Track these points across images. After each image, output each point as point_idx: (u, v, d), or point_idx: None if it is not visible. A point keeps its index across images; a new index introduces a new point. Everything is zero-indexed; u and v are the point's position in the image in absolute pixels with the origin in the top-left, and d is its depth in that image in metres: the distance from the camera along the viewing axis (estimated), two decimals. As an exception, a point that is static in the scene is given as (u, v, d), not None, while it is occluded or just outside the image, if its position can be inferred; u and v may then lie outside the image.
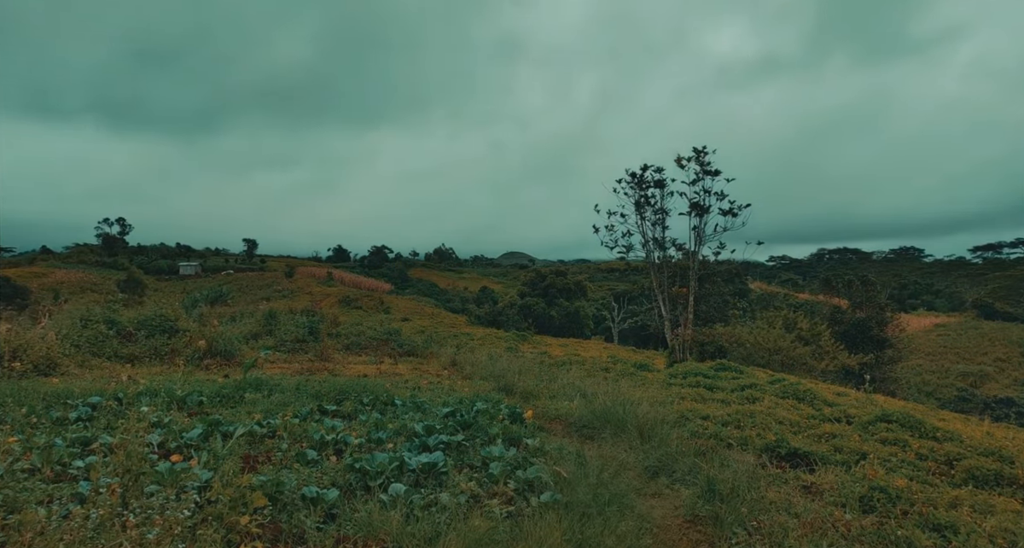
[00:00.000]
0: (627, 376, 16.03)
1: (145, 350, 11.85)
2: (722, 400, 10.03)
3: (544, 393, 9.88)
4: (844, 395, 12.29)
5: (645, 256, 24.14)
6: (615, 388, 9.95)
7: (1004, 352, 46.37)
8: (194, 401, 7.23)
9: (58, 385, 7.78)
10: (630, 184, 23.86)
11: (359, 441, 5.71)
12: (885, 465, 6.32)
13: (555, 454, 5.80)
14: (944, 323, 57.08)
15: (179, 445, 5.26)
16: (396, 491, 4.39)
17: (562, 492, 4.74)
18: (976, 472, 6.25)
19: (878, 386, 21.65)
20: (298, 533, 3.87)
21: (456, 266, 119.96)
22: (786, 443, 6.78)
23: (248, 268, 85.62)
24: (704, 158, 22.47)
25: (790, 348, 20.03)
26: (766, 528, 4.37)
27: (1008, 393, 36.11)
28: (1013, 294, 77.89)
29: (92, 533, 3.02)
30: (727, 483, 5.04)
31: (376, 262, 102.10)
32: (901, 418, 8.16)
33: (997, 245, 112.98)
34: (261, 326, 16.06)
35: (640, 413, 7.41)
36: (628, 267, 38.56)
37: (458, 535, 3.76)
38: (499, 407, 7.52)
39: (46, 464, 4.52)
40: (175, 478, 4.02)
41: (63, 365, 9.86)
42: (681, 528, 4.75)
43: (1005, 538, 4.49)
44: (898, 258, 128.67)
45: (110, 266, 76.95)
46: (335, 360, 13.31)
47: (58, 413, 6.19)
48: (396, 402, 7.81)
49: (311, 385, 8.60)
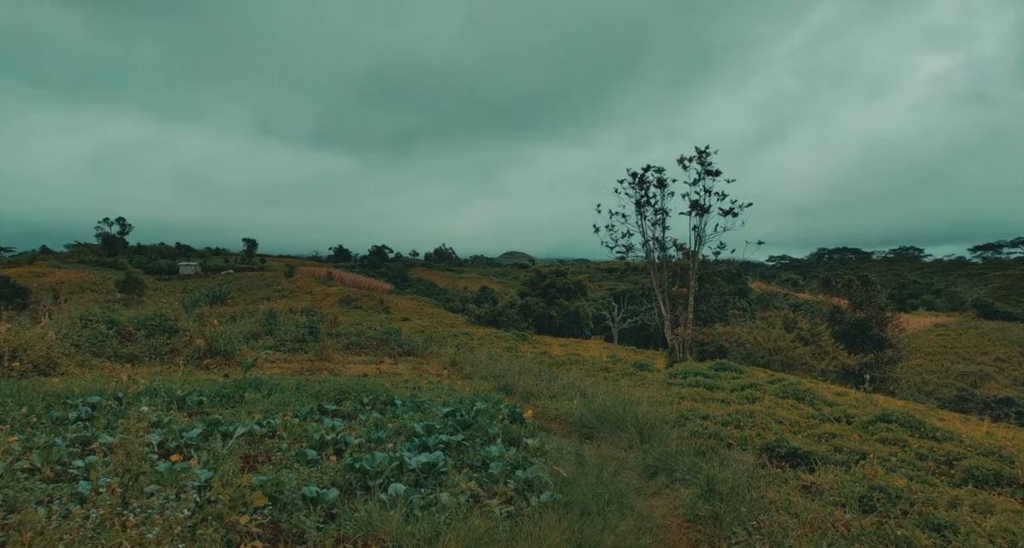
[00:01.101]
0: (627, 376, 16.04)
1: (145, 350, 11.85)
2: (722, 400, 10.02)
3: (544, 393, 9.88)
4: (844, 395, 12.29)
5: (645, 256, 24.15)
6: (615, 388, 9.96)
7: (1004, 352, 46.36)
8: (194, 401, 7.23)
9: (58, 385, 7.77)
10: (631, 184, 23.89)
11: (359, 441, 5.71)
12: (885, 465, 6.32)
13: (555, 454, 5.81)
14: (944, 323, 57.06)
15: (179, 445, 5.26)
16: (396, 491, 4.39)
17: (562, 492, 4.74)
18: (976, 472, 6.25)
19: (878, 386, 21.66)
20: (298, 533, 3.87)
21: (456, 266, 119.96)
22: (786, 443, 6.78)
23: (248, 268, 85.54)
24: (706, 159, 22.49)
25: (790, 348, 20.02)
26: (766, 528, 4.37)
27: (1008, 393, 36.10)
28: (1013, 294, 77.91)
29: (92, 533, 3.02)
30: (727, 483, 5.04)
31: (376, 262, 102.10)
32: (901, 418, 8.16)
33: (997, 245, 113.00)
34: (261, 326, 16.05)
35: (640, 413, 7.41)
36: (628, 267, 38.52)
37: (458, 535, 3.76)
38: (499, 407, 7.52)
39: (46, 464, 4.52)
40: (175, 478, 4.02)
41: (63, 365, 9.85)
42: (681, 527, 4.75)
43: (1005, 538, 4.49)
44: (898, 258, 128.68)
45: (110, 266, 76.94)
46: (335, 360, 13.30)
47: (58, 413, 6.19)
48: (396, 402, 7.81)
49: (311, 385, 8.60)
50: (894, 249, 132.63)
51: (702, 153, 22.49)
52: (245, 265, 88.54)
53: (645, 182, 23.65)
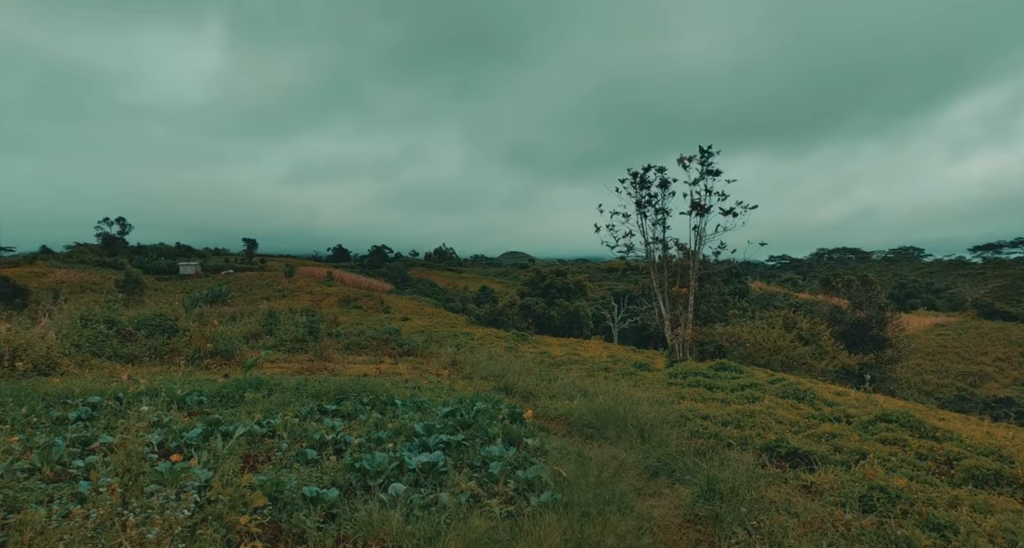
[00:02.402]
0: (627, 376, 16.04)
1: (145, 350, 11.85)
2: (722, 400, 10.02)
3: (544, 393, 9.87)
4: (844, 395, 12.28)
5: (646, 255, 24.14)
6: (615, 388, 9.96)
7: (1004, 352, 46.32)
8: (194, 401, 7.23)
9: (58, 385, 7.78)
10: (632, 184, 23.88)
11: (359, 441, 5.71)
12: (885, 465, 6.32)
13: (555, 454, 5.81)
14: (944, 323, 57.01)
15: (179, 445, 5.26)
16: (396, 491, 4.39)
17: (562, 492, 4.74)
18: (976, 472, 6.25)
19: (878, 386, 21.65)
20: (298, 533, 3.87)
21: (456, 266, 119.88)
22: (786, 443, 6.78)
23: (248, 268, 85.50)
24: (707, 158, 22.48)
25: (790, 348, 20.01)
26: (766, 528, 4.37)
27: (1008, 393, 36.08)
28: (1013, 294, 77.85)
29: (92, 533, 3.02)
30: (727, 483, 5.04)
31: (376, 262, 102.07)
32: (901, 418, 8.16)
33: (997, 245, 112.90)
34: (261, 326, 16.06)
35: (640, 413, 7.41)
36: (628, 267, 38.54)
37: (458, 535, 3.76)
38: (499, 407, 7.52)
39: (46, 464, 4.52)
40: (175, 478, 4.02)
41: (63, 365, 9.85)
42: (681, 528, 4.75)
43: (1005, 538, 4.48)
44: (898, 258, 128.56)
45: (110, 266, 76.90)
46: (335, 360, 13.30)
47: (58, 413, 6.19)
48: (396, 402, 7.81)
49: (311, 385, 8.60)
50: (894, 249, 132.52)
51: (704, 152, 22.49)
52: (245, 265, 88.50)
53: (646, 182, 23.66)
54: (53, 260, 77.83)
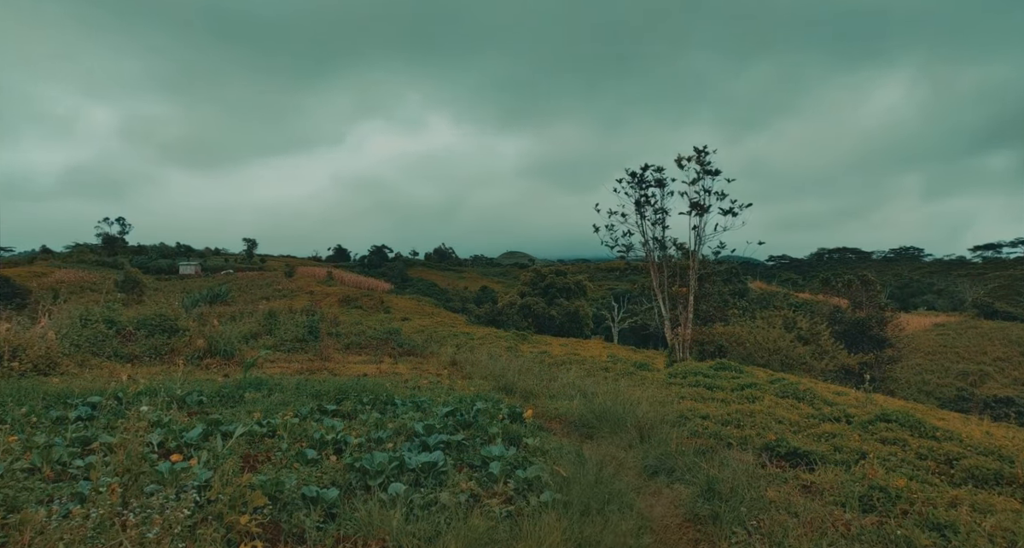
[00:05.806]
0: (627, 375, 16.05)
1: (145, 349, 11.85)
2: (722, 399, 10.02)
3: (544, 392, 9.88)
4: (844, 394, 12.29)
5: (645, 255, 24.15)
6: (615, 388, 9.95)
7: (1004, 352, 46.33)
8: (194, 401, 7.23)
9: (58, 385, 7.78)
10: (630, 184, 23.88)
11: (359, 440, 5.71)
12: (885, 464, 6.32)
13: (555, 453, 5.80)
14: (944, 322, 57.01)
15: (179, 445, 5.26)
16: (396, 490, 4.39)
17: (562, 491, 4.74)
18: (976, 471, 6.25)
19: (878, 385, 21.67)
20: (298, 532, 3.87)
21: (456, 266, 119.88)
22: (786, 442, 6.78)
23: (248, 268, 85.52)
24: (705, 158, 22.48)
25: (790, 348, 20.04)
26: (766, 527, 4.37)
27: (1008, 392, 36.08)
28: (1013, 293, 77.89)
29: (92, 533, 3.02)
30: (727, 482, 5.04)
31: (376, 262, 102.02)
32: (901, 417, 8.16)
33: (997, 245, 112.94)
34: (261, 325, 16.04)
35: (640, 412, 7.41)
36: (628, 267, 38.52)
37: (458, 534, 3.76)
38: (499, 406, 7.52)
39: (46, 464, 4.52)
40: (175, 478, 4.02)
41: (63, 365, 9.85)
42: (681, 527, 4.75)
43: (1005, 537, 4.48)
44: (897, 257, 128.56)
45: (110, 266, 76.90)
46: (335, 359, 13.30)
47: (58, 413, 6.19)
48: (396, 401, 7.81)
49: (311, 384, 8.60)
50: (894, 249, 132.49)
51: (700, 152, 22.49)
52: (245, 265, 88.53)
53: (644, 182, 23.66)
54: (53, 260, 77.87)
